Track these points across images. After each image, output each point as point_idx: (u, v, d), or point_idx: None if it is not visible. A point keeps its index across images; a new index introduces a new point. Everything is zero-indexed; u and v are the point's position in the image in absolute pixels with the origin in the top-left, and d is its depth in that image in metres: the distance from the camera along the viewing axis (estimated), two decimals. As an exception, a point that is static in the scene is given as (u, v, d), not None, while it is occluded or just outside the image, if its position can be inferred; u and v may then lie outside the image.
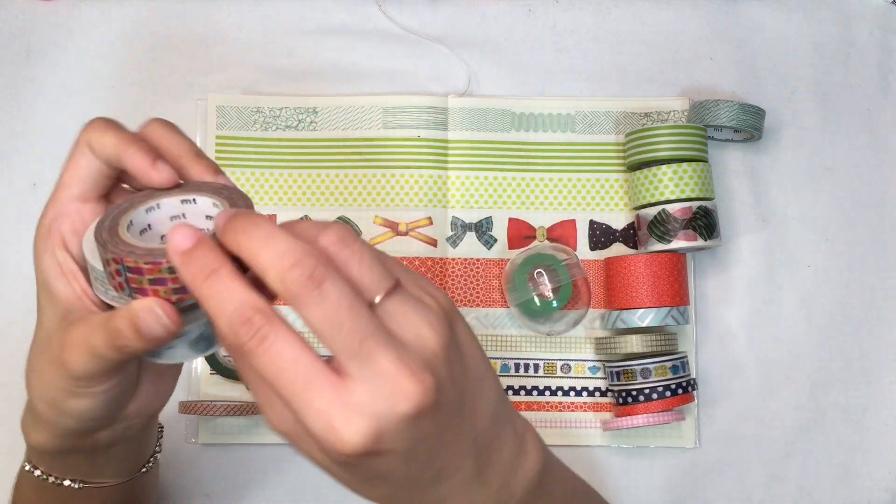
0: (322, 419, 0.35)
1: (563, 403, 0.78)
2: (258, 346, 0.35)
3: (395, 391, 0.36)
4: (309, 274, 0.35)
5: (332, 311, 0.35)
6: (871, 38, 0.85)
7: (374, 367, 0.35)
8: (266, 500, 0.76)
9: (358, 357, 0.35)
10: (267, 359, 0.35)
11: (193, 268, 0.37)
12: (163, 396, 0.51)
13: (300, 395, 0.36)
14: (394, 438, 0.36)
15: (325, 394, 0.35)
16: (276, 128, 0.81)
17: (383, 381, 0.35)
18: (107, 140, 0.44)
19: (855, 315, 0.80)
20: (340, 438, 0.35)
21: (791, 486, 0.78)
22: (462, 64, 0.83)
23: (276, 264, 0.35)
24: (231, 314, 0.36)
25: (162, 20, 0.82)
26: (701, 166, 0.76)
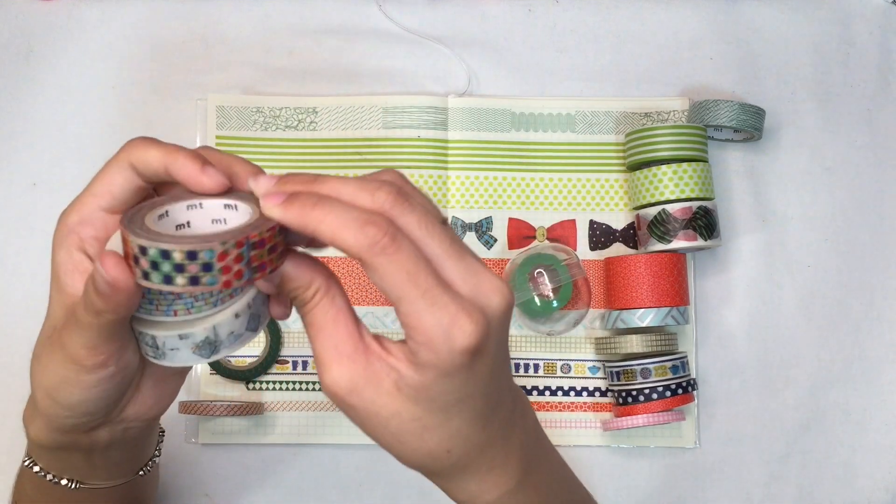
0: (447, 314, 0.38)
1: (563, 403, 0.78)
2: (391, 243, 0.38)
3: (492, 287, 0.40)
4: (397, 190, 0.40)
5: (424, 216, 0.40)
6: (871, 38, 0.85)
7: (467, 265, 0.40)
8: (266, 500, 0.76)
9: (451, 256, 0.39)
10: (402, 256, 0.38)
11: (299, 203, 0.39)
12: (163, 402, 0.51)
13: (430, 291, 0.38)
14: (493, 334, 0.40)
15: (447, 291, 0.39)
16: (276, 128, 0.81)
17: (479, 277, 0.40)
18: (151, 155, 0.44)
19: (855, 315, 0.80)
20: (464, 330, 0.38)
21: (791, 486, 0.78)
22: (462, 64, 0.83)
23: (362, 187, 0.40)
24: (358, 219, 0.38)
25: (162, 20, 0.82)
26: (701, 166, 0.76)
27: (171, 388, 0.51)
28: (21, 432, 0.55)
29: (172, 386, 0.51)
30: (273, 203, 0.39)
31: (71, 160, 0.80)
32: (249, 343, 0.45)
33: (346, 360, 0.40)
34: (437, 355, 0.39)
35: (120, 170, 0.45)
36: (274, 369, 0.77)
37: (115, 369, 0.45)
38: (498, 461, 0.44)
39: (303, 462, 0.77)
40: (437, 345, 0.38)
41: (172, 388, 0.51)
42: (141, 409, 0.50)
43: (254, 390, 0.77)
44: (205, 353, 0.43)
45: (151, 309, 0.43)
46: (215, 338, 0.42)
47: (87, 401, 0.46)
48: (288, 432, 0.77)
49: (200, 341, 0.42)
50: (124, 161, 0.45)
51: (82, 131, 0.81)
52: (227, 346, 0.43)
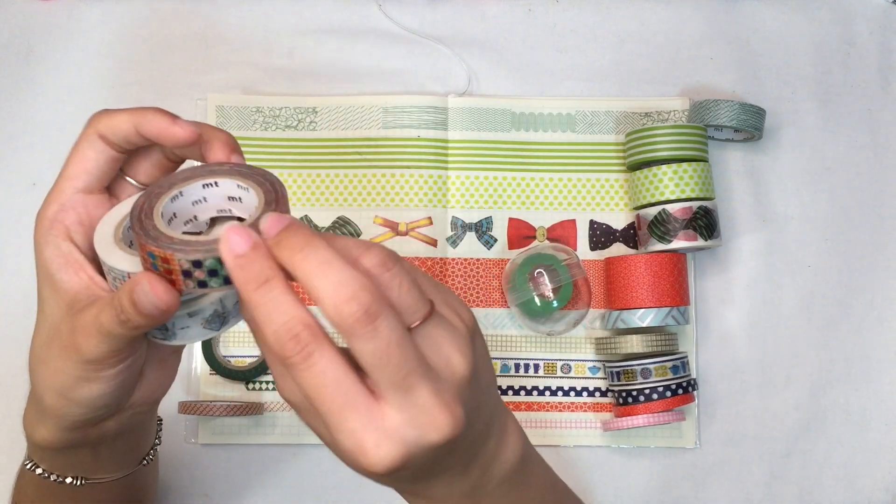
0: (354, 439, 0.37)
1: (563, 403, 0.78)
2: (303, 361, 0.37)
3: (429, 423, 0.38)
4: (364, 310, 0.36)
5: (383, 346, 0.36)
6: (871, 38, 0.85)
7: (412, 399, 0.37)
8: (266, 500, 0.76)
9: (400, 388, 0.37)
10: (310, 375, 0.37)
11: (247, 274, 0.37)
12: (166, 383, 0.51)
13: (337, 415, 0.37)
14: (417, 462, 0.38)
15: (360, 416, 0.37)
16: (275, 128, 0.80)
17: (419, 412, 0.37)
18: (118, 119, 0.44)
19: (855, 315, 0.80)
20: (368, 459, 0.37)
21: (791, 486, 0.78)
22: (462, 64, 0.83)
23: (331, 295, 0.36)
24: (280, 327, 0.36)
25: (162, 20, 0.82)
26: (701, 166, 0.76)
27: (172, 367, 0.51)
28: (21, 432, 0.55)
29: (172, 365, 0.51)
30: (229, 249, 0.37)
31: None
32: None
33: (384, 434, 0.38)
34: (349, 465, 0.40)
35: (90, 144, 0.45)
36: (274, 369, 0.77)
37: (131, 361, 0.45)
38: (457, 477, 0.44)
39: (303, 462, 0.77)
40: (348, 460, 0.39)
41: (172, 367, 0.51)
42: (146, 392, 0.50)
43: (254, 390, 0.77)
44: (215, 325, 0.43)
45: None
46: (223, 309, 0.42)
47: (105, 394, 0.46)
48: (288, 432, 0.77)
49: (210, 315, 0.42)
50: (92, 134, 0.44)
51: (82, 131, 0.81)
52: (234, 316, 0.43)
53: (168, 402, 0.73)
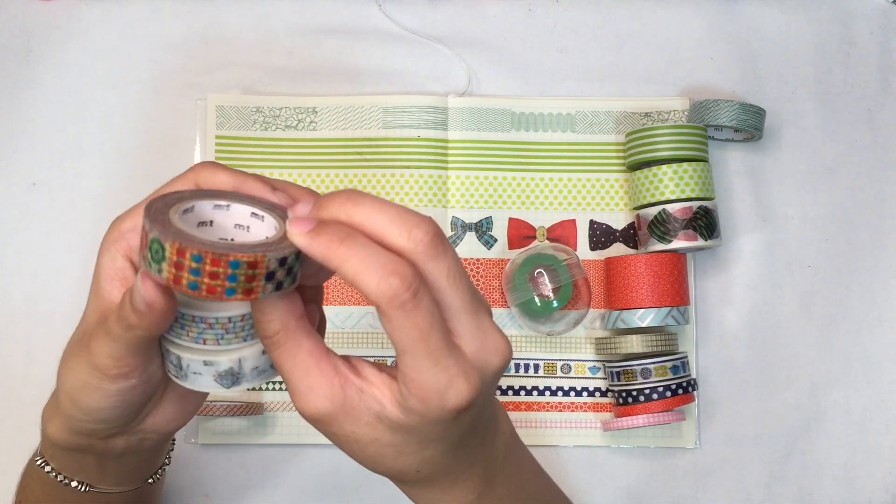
0: (445, 375, 0.39)
1: (563, 403, 0.78)
2: (412, 298, 0.38)
3: (496, 346, 0.40)
4: (433, 234, 0.39)
5: (454, 266, 0.39)
6: (871, 38, 0.85)
7: (479, 322, 0.40)
8: (266, 500, 0.76)
9: (468, 311, 0.40)
10: (421, 311, 0.38)
11: (326, 237, 0.38)
12: (183, 417, 0.51)
13: (438, 352, 0.39)
14: (484, 392, 0.41)
15: (453, 351, 0.39)
16: (276, 128, 0.80)
17: (487, 336, 0.40)
18: (219, 179, 0.44)
19: (855, 315, 0.80)
20: (458, 393, 0.39)
21: (791, 486, 0.78)
22: (462, 64, 0.83)
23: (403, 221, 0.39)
24: (383, 267, 0.37)
25: (162, 20, 0.82)
26: (701, 166, 0.76)
27: (193, 405, 0.51)
28: (21, 432, 0.55)
29: (194, 403, 0.51)
30: (299, 230, 0.38)
31: (71, 160, 0.80)
32: (270, 379, 0.45)
33: (322, 397, 0.40)
34: (426, 408, 0.40)
35: (185, 186, 0.45)
36: (274, 369, 0.77)
37: (136, 381, 0.45)
38: (462, 477, 0.46)
39: (303, 462, 0.77)
40: (430, 401, 0.39)
41: (194, 406, 0.51)
42: (160, 421, 0.50)
43: (254, 390, 0.77)
44: (226, 382, 0.43)
45: (182, 334, 0.43)
46: (238, 370, 0.43)
47: (105, 408, 0.46)
48: (288, 432, 0.77)
49: (224, 371, 0.43)
50: (191, 181, 0.45)
51: (82, 131, 0.81)
52: (248, 380, 0.43)
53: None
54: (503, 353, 0.41)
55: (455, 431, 0.42)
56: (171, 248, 0.37)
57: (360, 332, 0.78)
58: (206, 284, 0.37)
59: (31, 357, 0.77)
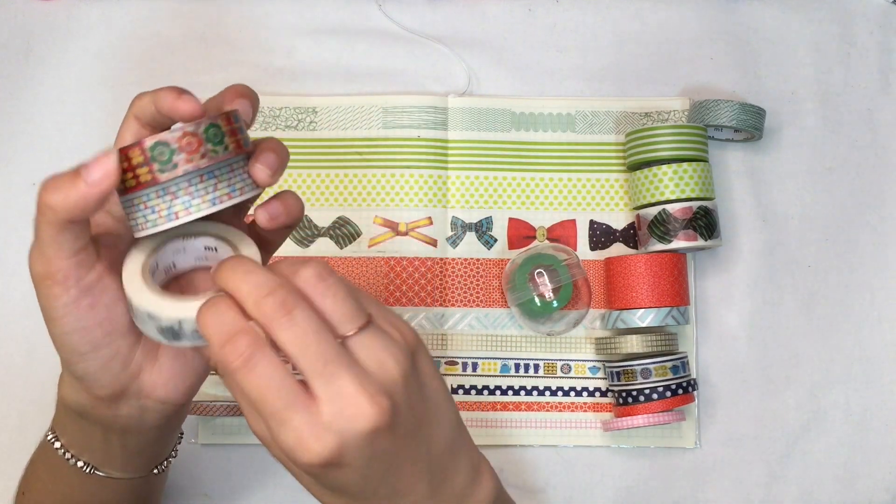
0: (293, 435, 0.40)
1: (563, 404, 0.78)
2: (244, 366, 0.40)
3: (355, 411, 0.40)
4: (281, 301, 0.40)
5: (300, 335, 0.40)
6: (871, 38, 0.85)
7: (335, 388, 0.40)
8: (266, 500, 0.76)
9: (322, 376, 0.40)
10: (252, 378, 0.40)
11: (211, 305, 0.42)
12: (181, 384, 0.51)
13: (280, 413, 0.40)
14: (353, 454, 0.41)
15: (301, 413, 0.40)
16: (275, 128, 0.80)
17: (344, 401, 0.40)
18: (144, 100, 0.48)
19: (855, 315, 0.80)
20: (308, 451, 0.40)
21: (791, 486, 0.78)
22: (462, 64, 0.83)
23: (252, 293, 0.41)
24: (220, 334, 0.41)
25: (162, 20, 0.82)
26: (701, 166, 0.76)
27: (192, 368, 0.51)
28: (21, 432, 0.55)
29: (192, 368, 0.51)
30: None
31: (71, 160, 0.79)
32: None
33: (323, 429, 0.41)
34: (287, 462, 0.42)
35: (128, 127, 0.49)
36: (274, 369, 0.77)
37: (76, 292, 0.46)
38: None
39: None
40: (286, 456, 0.42)
41: (192, 371, 0.52)
42: (158, 381, 0.50)
43: (254, 390, 0.77)
44: (167, 336, 0.46)
45: (154, 218, 0.45)
46: (178, 329, 0.45)
47: (69, 332, 0.47)
48: (288, 432, 0.77)
49: (165, 326, 0.45)
50: (130, 117, 0.49)
51: (82, 131, 0.81)
52: (189, 339, 0.45)
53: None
54: (366, 417, 0.40)
55: (336, 480, 0.43)
56: (224, 122, 0.45)
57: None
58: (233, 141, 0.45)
59: (31, 357, 0.77)
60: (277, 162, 0.48)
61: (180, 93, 0.46)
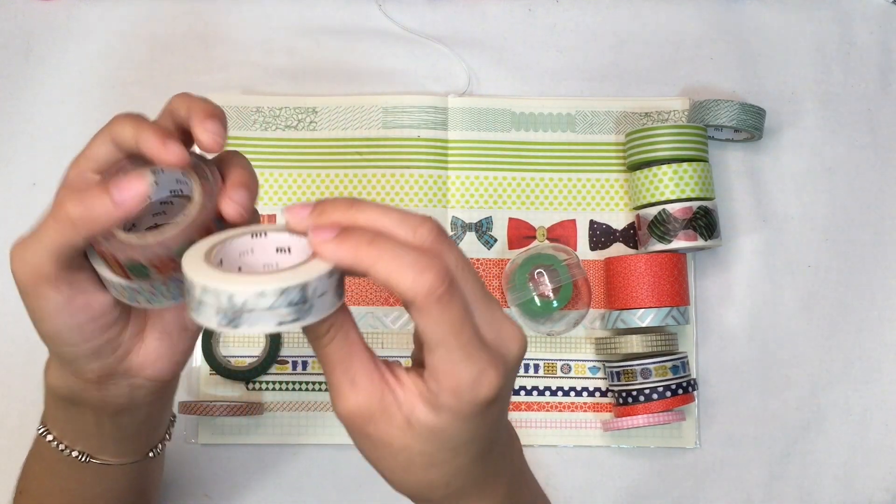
0: (479, 366, 0.39)
1: (563, 403, 0.78)
2: (447, 292, 0.38)
3: (513, 336, 0.41)
4: (437, 231, 0.39)
5: (462, 260, 0.40)
6: (871, 38, 0.85)
7: (497, 317, 0.41)
8: (266, 500, 0.76)
9: (488, 307, 0.40)
10: (453, 307, 0.38)
11: (353, 239, 0.38)
12: (169, 360, 0.51)
13: (470, 343, 0.39)
14: (509, 381, 0.42)
15: (481, 343, 0.40)
16: (275, 128, 0.80)
17: (505, 327, 0.41)
18: (127, 132, 0.46)
19: (855, 315, 0.80)
20: (490, 381, 0.39)
21: (791, 486, 0.78)
22: (462, 64, 0.83)
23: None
24: (416, 263, 0.37)
25: (162, 20, 0.82)
26: (701, 166, 0.76)
27: (178, 346, 0.51)
28: (21, 432, 0.55)
29: (180, 344, 0.51)
30: (323, 238, 0.38)
31: (70, 160, 0.80)
32: None
33: (363, 391, 0.41)
34: (459, 402, 0.39)
35: (103, 144, 0.47)
36: (274, 369, 0.77)
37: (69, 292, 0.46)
38: (488, 490, 0.45)
39: (303, 462, 0.77)
40: (463, 393, 0.39)
41: (179, 347, 0.51)
42: (146, 360, 0.50)
43: (254, 390, 0.77)
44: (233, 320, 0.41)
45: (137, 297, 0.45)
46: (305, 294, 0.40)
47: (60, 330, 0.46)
48: (288, 432, 0.77)
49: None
50: (107, 138, 0.47)
51: (82, 131, 0.80)
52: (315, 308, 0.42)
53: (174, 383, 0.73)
54: (520, 341, 0.41)
55: (484, 432, 0.42)
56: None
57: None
58: None
59: (31, 357, 0.77)
60: (249, 199, 0.45)
61: (165, 139, 0.44)
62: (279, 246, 0.44)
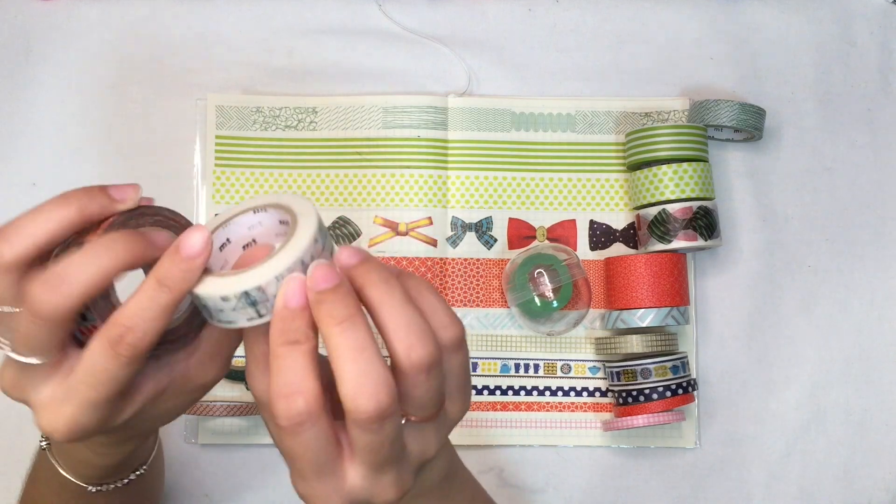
0: (314, 494, 0.42)
1: (563, 404, 0.78)
2: (291, 430, 0.38)
3: (381, 495, 0.41)
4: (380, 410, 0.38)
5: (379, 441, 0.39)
6: (871, 38, 0.85)
7: (378, 478, 0.41)
8: (266, 500, 0.76)
9: (373, 470, 0.41)
10: (294, 441, 0.39)
11: (284, 326, 0.38)
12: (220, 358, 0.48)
13: (308, 474, 0.40)
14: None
15: (327, 482, 0.41)
16: (275, 128, 0.80)
17: (378, 488, 0.41)
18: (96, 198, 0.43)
19: (855, 315, 0.80)
20: (387, 498, 0.41)
21: (791, 486, 0.78)
22: (462, 64, 0.83)
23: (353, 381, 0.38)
24: (283, 390, 0.38)
25: (162, 20, 0.82)
26: (701, 166, 0.76)
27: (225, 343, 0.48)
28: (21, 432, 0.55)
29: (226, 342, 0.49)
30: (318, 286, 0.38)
31: (71, 160, 0.80)
32: None
33: None
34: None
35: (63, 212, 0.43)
36: (274, 369, 0.77)
37: None
38: None
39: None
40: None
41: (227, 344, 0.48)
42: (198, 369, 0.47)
43: (254, 390, 0.77)
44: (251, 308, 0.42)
45: None
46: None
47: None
48: (288, 432, 0.76)
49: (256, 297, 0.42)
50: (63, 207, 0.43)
51: (82, 131, 0.81)
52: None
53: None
54: (386, 500, 0.42)
55: None
56: None
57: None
58: None
59: (31, 357, 0.77)
60: None
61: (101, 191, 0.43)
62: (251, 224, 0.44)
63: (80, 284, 0.38)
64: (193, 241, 0.39)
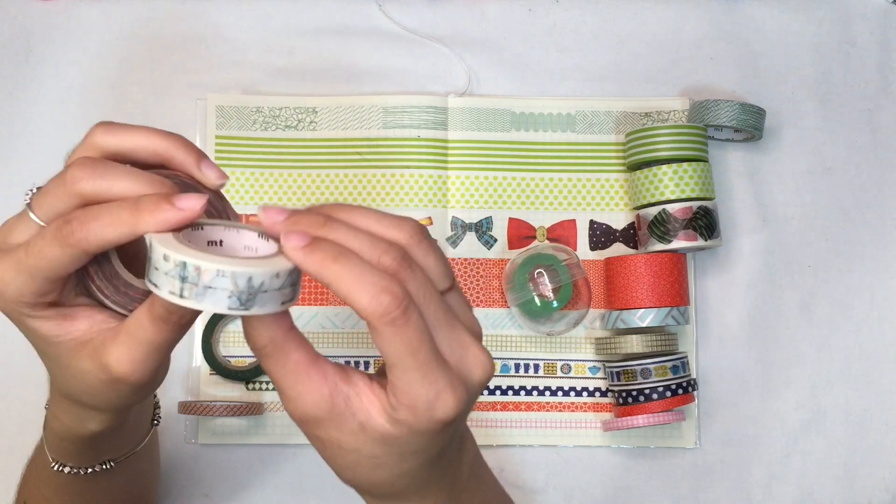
0: (436, 388, 0.40)
1: (563, 403, 0.78)
2: (403, 315, 0.38)
3: (478, 362, 0.41)
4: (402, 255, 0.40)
5: (424, 289, 0.40)
6: (871, 38, 0.85)
7: (461, 341, 0.41)
8: (266, 500, 0.76)
9: (452, 331, 0.41)
10: (410, 329, 0.39)
11: (320, 253, 0.39)
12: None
13: (427, 365, 0.39)
14: (469, 405, 0.42)
15: (440, 364, 0.40)
16: (276, 128, 0.80)
17: (469, 353, 0.41)
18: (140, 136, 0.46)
19: (855, 315, 0.80)
20: (446, 404, 0.40)
21: (791, 486, 0.78)
22: (462, 64, 0.83)
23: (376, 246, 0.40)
24: (375, 284, 0.38)
25: (162, 20, 0.82)
26: (701, 166, 0.76)
27: None
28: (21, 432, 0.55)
29: None
30: (294, 245, 0.39)
31: (71, 160, 0.80)
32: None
33: (308, 402, 0.41)
34: (416, 419, 0.40)
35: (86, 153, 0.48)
36: (274, 369, 0.77)
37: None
38: (431, 493, 0.46)
39: (302, 462, 0.77)
40: (420, 411, 0.40)
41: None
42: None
43: (253, 390, 0.77)
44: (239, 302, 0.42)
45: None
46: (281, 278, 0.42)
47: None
48: (287, 432, 0.76)
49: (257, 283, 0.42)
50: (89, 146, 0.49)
51: (82, 131, 0.80)
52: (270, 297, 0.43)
53: (168, 402, 0.73)
54: (484, 367, 0.41)
55: (436, 445, 0.43)
56: None
57: (360, 333, 0.78)
58: None
59: (31, 357, 0.77)
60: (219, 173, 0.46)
61: (200, 157, 0.44)
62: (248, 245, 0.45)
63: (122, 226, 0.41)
64: (191, 201, 0.40)
